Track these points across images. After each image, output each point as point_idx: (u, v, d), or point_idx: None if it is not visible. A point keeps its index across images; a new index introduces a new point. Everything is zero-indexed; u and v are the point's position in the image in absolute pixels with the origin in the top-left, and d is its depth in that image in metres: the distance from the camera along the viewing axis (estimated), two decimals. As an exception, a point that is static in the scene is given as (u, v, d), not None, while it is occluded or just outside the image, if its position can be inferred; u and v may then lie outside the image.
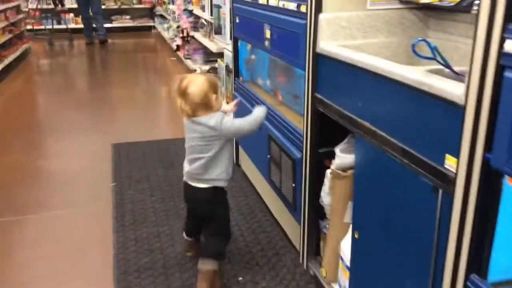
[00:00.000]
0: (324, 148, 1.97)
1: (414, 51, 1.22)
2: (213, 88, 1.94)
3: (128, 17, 10.68)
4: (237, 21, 2.91)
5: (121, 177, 3.22)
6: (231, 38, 3.83)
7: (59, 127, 4.42)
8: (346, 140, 1.73)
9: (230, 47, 3.81)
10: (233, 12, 2.98)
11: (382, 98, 1.42)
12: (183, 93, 1.90)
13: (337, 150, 1.70)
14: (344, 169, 1.68)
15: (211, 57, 5.84)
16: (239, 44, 3.02)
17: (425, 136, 1.25)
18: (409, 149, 1.30)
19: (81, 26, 9.14)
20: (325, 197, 1.79)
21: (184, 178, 2.08)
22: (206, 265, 2.00)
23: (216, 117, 1.92)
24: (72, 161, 3.59)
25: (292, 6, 2.01)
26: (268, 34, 2.35)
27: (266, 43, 2.39)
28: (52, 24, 9.49)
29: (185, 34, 6.03)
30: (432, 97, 1.20)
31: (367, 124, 1.51)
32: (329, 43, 1.78)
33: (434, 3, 1.77)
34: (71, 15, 9.87)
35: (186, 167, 2.06)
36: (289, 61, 2.12)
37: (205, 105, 1.91)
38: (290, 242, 2.37)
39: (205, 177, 1.98)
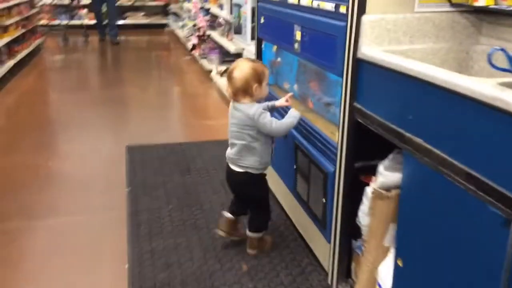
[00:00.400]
0: (360, 162, 1.81)
1: (491, 63, 1.05)
2: (257, 76, 2.03)
3: (141, 14, 10.56)
4: (262, 21, 2.74)
5: (136, 182, 3.07)
6: (252, 39, 3.71)
7: (71, 126, 4.29)
8: (390, 156, 1.56)
9: (251, 47, 3.67)
10: (257, 11, 2.82)
11: (441, 112, 1.26)
12: (229, 76, 2.06)
13: (380, 167, 1.54)
14: (388, 189, 1.51)
15: (227, 57, 5.69)
16: (263, 45, 2.86)
17: (496, 159, 1.08)
18: (475, 174, 1.13)
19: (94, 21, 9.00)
20: (364, 218, 1.63)
21: (226, 160, 2.23)
22: (251, 234, 2.26)
23: (256, 108, 2.02)
24: (85, 163, 3.45)
25: (329, 6, 1.85)
26: (298, 36, 2.19)
27: (296, 45, 2.22)
28: (68, 19, 9.39)
29: (201, 33, 5.88)
30: (508, 114, 1.03)
31: (419, 140, 1.34)
32: (373, 48, 1.62)
33: (490, 6, 1.60)
34: (85, 10, 9.75)
35: (228, 150, 2.21)
36: (323, 66, 1.95)
37: (245, 91, 2.03)
38: (317, 260, 2.21)
39: (240, 163, 2.12)
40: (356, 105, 1.71)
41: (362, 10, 1.63)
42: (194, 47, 6.28)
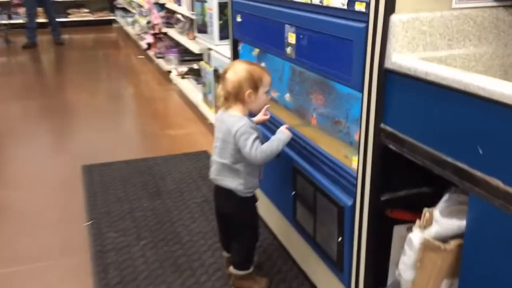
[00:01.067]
0: (387, 194, 1.48)
1: None
2: (252, 81, 1.75)
3: (86, 10, 9.86)
4: (239, 19, 2.36)
5: (97, 212, 2.62)
6: (222, 38, 3.32)
7: (12, 143, 3.74)
8: (446, 197, 1.23)
9: (220, 49, 3.28)
10: (232, 8, 2.43)
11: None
12: (222, 77, 1.80)
13: (436, 213, 1.20)
14: (444, 239, 1.18)
15: (187, 56, 5.25)
16: (239, 47, 2.47)
17: None
18: None
19: (43, 20, 8.09)
20: (406, 271, 1.29)
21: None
22: (234, 271, 1.93)
23: (241, 124, 1.72)
24: (32, 191, 2.95)
25: (337, 2, 1.49)
26: (292, 38, 1.82)
27: (288, 50, 1.86)
28: (7, 19, 8.58)
29: (156, 31, 5.40)
30: None
31: (495, 181, 1.01)
32: (407, 56, 1.27)
33: (544, -2, 1.29)
34: (23, 9, 8.96)
35: (211, 165, 1.91)
36: (333, 77, 1.60)
37: (236, 97, 1.76)
38: (327, 304, 1.87)
39: (222, 184, 1.84)
40: (383, 127, 1.37)
41: (390, 8, 1.28)
42: (149, 46, 5.79)
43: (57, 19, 8.09)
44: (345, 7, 1.45)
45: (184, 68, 5.00)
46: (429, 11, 1.30)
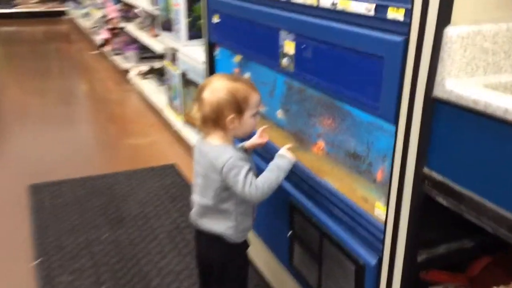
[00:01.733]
0: (424, 253, 1.16)
1: None
2: (235, 103, 1.40)
3: (34, 0, 9.13)
4: (216, 20, 1.99)
5: (47, 246, 2.20)
6: (190, 38, 2.93)
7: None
8: None
9: (188, 50, 2.89)
10: (207, 7, 2.06)
11: None
12: (199, 96, 1.44)
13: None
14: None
15: (147, 53, 4.81)
16: (216, 52, 2.10)
17: None
18: None
19: None
20: None
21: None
22: None
23: (228, 157, 1.38)
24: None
25: (359, 7, 1.15)
26: (289, 48, 1.48)
27: (284, 61, 1.51)
28: None
29: (113, 26, 4.93)
30: None
31: None
32: (466, 82, 0.96)
33: None
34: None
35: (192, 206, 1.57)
36: (349, 100, 1.26)
37: (215, 122, 1.41)
38: None
39: (207, 227, 1.49)
40: (428, 172, 1.05)
41: (444, 17, 0.95)
42: (105, 42, 5.29)
43: (2, 10, 7.40)
44: (372, 13, 1.12)
45: (144, 67, 4.58)
46: (493, 22, 0.98)
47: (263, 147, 1.66)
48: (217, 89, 1.40)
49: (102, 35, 5.36)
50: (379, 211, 1.23)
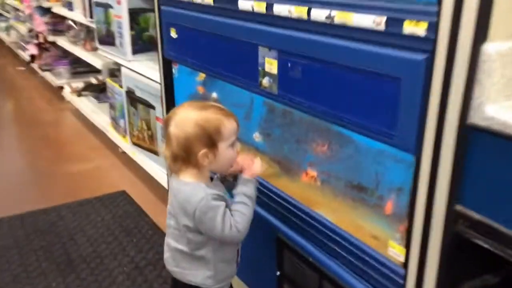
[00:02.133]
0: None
1: None
2: (206, 137, 1.21)
3: None
4: (174, 35, 1.77)
5: (-16, 305, 1.88)
6: (134, 53, 2.68)
7: None
8: None
9: (134, 65, 2.64)
10: (162, 20, 1.84)
11: None
12: (165, 131, 1.27)
13: None
14: None
15: (80, 67, 4.46)
16: (175, 70, 1.89)
17: None
18: None
19: None
20: None
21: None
22: None
23: (199, 199, 1.19)
24: None
25: (365, 21, 0.99)
26: (271, 66, 1.30)
27: (265, 81, 1.33)
28: None
29: (41, 40, 4.52)
30: None
31: None
32: (507, 106, 0.82)
33: None
34: None
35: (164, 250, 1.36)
36: (353, 127, 1.10)
37: (185, 159, 1.23)
38: None
39: (183, 278, 1.30)
40: (461, 210, 0.90)
41: (482, 32, 0.81)
42: (33, 58, 4.86)
43: None
44: (382, 28, 0.96)
45: (78, 83, 4.22)
46: (532, 36, 0.86)
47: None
48: (184, 122, 1.22)
49: (29, 50, 4.91)
50: (394, 251, 1.08)
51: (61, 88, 4.43)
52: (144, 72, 2.47)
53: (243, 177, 1.28)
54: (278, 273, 1.44)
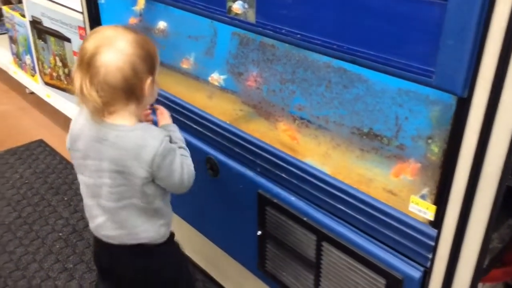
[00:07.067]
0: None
1: None
2: (150, 61, 1.01)
3: None
4: None
5: None
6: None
7: None
8: None
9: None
10: None
11: None
12: (88, 65, 0.95)
13: None
14: None
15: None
16: (100, -6, 1.52)
17: None
18: None
19: None
20: None
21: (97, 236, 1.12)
22: None
23: (160, 141, 1.00)
24: None
25: None
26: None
27: (236, 6, 1.06)
28: None
29: None
30: None
31: None
32: None
33: None
34: None
35: (93, 223, 1.10)
36: (372, 64, 0.87)
37: (130, 94, 0.98)
38: None
39: (130, 240, 1.08)
40: (523, 160, 0.74)
41: None
42: None
43: None
44: None
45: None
46: None
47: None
48: (123, 46, 0.96)
49: None
50: (417, 207, 0.92)
51: None
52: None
53: (165, 124, 1.13)
54: (259, 232, 1.25)
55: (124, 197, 1.03)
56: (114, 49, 0.95)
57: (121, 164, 0.99)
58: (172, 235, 1.17)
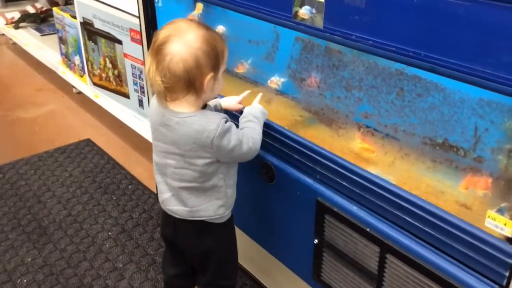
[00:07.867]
0: None
1: None
2: (215, 58, 1.05)
3: None
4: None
5: None
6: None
7: None
8: None
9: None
10: None
11: None
12: (157, 51, 1.02)
13: None
14: None
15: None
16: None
17: None
18: None
19: None
20: None
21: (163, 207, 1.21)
22: None
23: (217, 124, 1.05)
24: None
25: None
26: (314, -10, 1.00)
27: (303, 11, 1.04)
28: None
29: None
30: None
31: None
32: None
33: None
34: None
35: (162, 195, 1.19)
36: (456, 73, 0.84)
37: (190, 85, 1.03)
38: None
39: (194, 217, 1.16)
40: None
41: None
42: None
43: None
44: None
45: (14, 13, 3.64)
46: None
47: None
48: (191, 39, 1.02)
49: None
50: (494, 223, 0.88)
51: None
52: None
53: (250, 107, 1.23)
54: (315, 241, 1.23)
55: (184, 180, 1.11)
56: (182, 40, 1.01)
57: (183, 148, 1.07)
58: (232, 217, 1.23)
